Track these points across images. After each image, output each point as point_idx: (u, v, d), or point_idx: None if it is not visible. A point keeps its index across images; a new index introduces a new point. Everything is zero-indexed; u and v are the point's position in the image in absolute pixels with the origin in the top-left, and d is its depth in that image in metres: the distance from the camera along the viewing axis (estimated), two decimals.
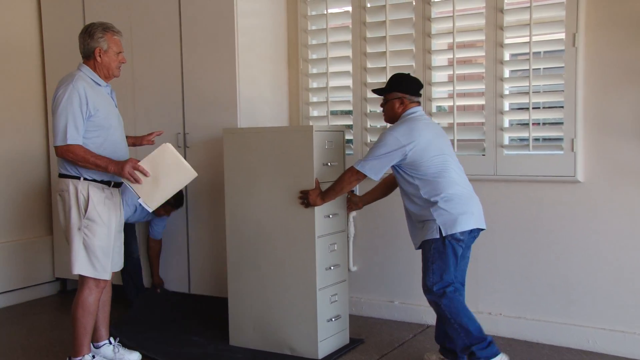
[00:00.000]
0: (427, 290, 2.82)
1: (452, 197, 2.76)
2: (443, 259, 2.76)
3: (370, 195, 3.29)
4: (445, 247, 2.76)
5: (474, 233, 2.85)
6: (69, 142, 2.76)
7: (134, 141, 3.17)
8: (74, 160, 2.79)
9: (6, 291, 4.37)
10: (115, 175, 2.84)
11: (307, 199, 3.04)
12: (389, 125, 3.04)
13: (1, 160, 4.37)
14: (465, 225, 2.76)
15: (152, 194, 2.80)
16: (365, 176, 2.84)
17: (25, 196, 4.51)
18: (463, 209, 2.77)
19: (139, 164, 2.80)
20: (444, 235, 2.74)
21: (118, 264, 3.05)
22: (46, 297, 4.59)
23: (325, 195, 3.00)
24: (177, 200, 3.84)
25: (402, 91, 2.92)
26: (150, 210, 2.88)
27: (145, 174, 2.79)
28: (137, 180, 2.79)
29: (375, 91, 3.08)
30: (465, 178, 2.91)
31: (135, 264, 3.89)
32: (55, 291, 4.69)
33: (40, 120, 4.58)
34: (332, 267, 3.28)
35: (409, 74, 3.02)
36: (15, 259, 4.41)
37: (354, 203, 3.33)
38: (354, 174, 2.86)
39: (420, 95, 2.98)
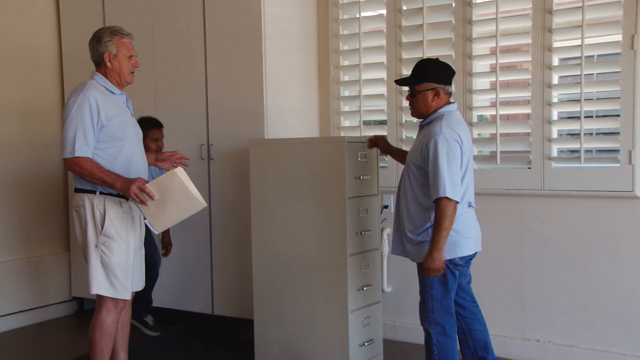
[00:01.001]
0: (425, 316, 2.75)
1: (458, 217, 2.66)
2: (442, 283, 2.70)
3: (402, 156, 3.08)
4: (445, 274, 2.69)
5: (471, 256, 2.80)
6: (77, 154, 2.76)
7: (156, 159, 3.14)
8: (81, 174, 2.79)
9: (20, 311, 4.39)
10: (120, 191, 2.81)
11: (431, 268, 2.62)
12: (410, 119, 2.89)
13: (17, 173, 4.42)
14: (465, 249, 2.70)
15: (158, 217, 2.78)
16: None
17: (40, 210, 4.54)
18: (466, 231, 2.71)
19: (147, 185, 2.76)
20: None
21: (139, 282, 3.04)
22: (62, 317, 4.60)
23: (438, 244, 2.59)
24: None
25: (435, 80, 2.71)
26: (157, 233, 2.85)
27: (151, 196, 2.75)
28: (142, 202, 2.76)
29: (400, 82, 2.84)
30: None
31: (153, 276, 3.85)
32: (72, 311, 4.70)
33: (58, 131, 4.62)
34: (364, 288, 3.25)
35: (437, 59, 2.81)
36: (30, 276, 4.43)
37: (381, 147, 3.14)
38: (451, 204, 2.56)
39: (451, 84, 2.79)
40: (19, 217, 4.44)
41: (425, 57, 3.17)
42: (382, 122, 3.98)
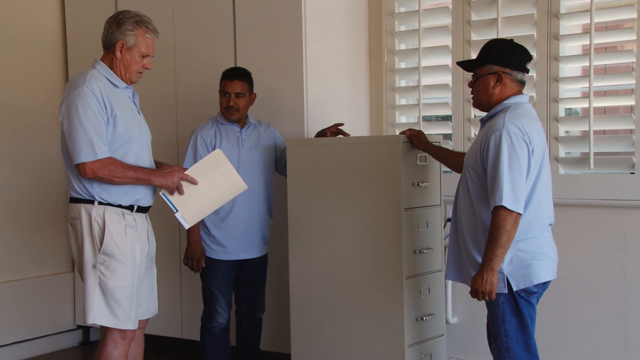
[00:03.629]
0: (500, 357, 2.68)
1: (535, 235, 2.62)
2: (517, 315, 2.66)
3: (443, 156, 3.11)
4: (518, 304, 2.64)
5: (547, 283, 2.73)
6: (100, 155, 2.78)
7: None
8: (111, 177, 2.80)
9: (14, 342, 4.38)
10: (160, 187, 2.92)
11: (480, 290, 2.60)
12: (479, 114, 2.84)
13: (12, 182, 4.44)
14: (541, 274, 2.63)
15: (192, 208, 2.94)
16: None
17: (39, 224, 4.56)
18: (541, 252, 2.65)
19: (187, 172, 2.93)
20: (514, 289, 2.62)
21: (149, 309, 3.04)
22: (64, 350, 4.61)
23: (491, 264, 2.55)
24: None
25: (499, 63, 2.66)
26: (187, 227, 2.98)
27: (194, 182, 2.92)
28: (181, 192, 2.91)
29: (462, 64, 2.84)
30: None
31: (257, 326, 3.77)
32: (76, 342, 4.71)
33: (59, 131, 4.65)
34: (424, 318, 3.24)
35: (510, 40, 2.77)
36: (27, 301, 4.44)
37: (420, 141, 3.14)
38: (511, 217, 2.52)
39: (527, 71, 2.73)
40: (13, 231, 4.45)
41: (500, 38, 3.14)
42: (445, 118, 3.96)
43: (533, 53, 3.52)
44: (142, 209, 2.94)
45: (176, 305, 4.19)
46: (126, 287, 2.84)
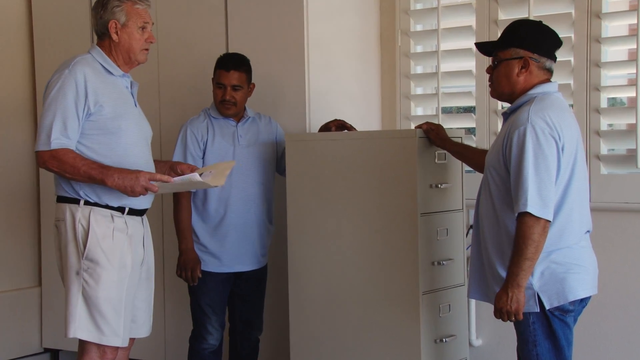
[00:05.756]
0: None
1: (570, 244, 2.63)
2: (550, 337, 2.65)
3: (465, 154, 3.13)
4: (551, 324, 2.64)
5: (587, 300, 2.72)
6: (54, 146, 2.82)
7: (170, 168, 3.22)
8: (61, 170, 2.84)
9: None
10: (120, 191, 2.86)
11: (505, 310, 2.61)
12: (506, 106, 2.86)
13: None
14: (577, 289, 2.63)
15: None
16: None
17: (2, 230, 4.56)
18: (578, 265, 2.64)
19: (199, 171, 2.96)
20: (547, 308, 2.61)
21: (143, 327, 3.06)
22: None
23: (517, 279, 2.56)
24: None
25: (525, 47, 2.66)
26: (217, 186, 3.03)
27: (168, 180, 2.88)
28: (154, 190, 2.87)
29: (480, 46, 2.86)
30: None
31: (253, 348, 3.78)
32: None
33: (27, 125, 4.69)
34: (445, 340, 3.23)
35: (540, 22, 2.76)
36: None
37: (439, 137, 3.14)
38: (539, 224, 2.52)
39: (555, 59, 2.73)
40: None
41: (526, 18, 3.15)
42: (468, 110, 3.99)
43: (571, 34, 3.56)
44: (135, 212, 2.97)
45: (159, 324, 4.16)
46: (112, 298, 2.86)
